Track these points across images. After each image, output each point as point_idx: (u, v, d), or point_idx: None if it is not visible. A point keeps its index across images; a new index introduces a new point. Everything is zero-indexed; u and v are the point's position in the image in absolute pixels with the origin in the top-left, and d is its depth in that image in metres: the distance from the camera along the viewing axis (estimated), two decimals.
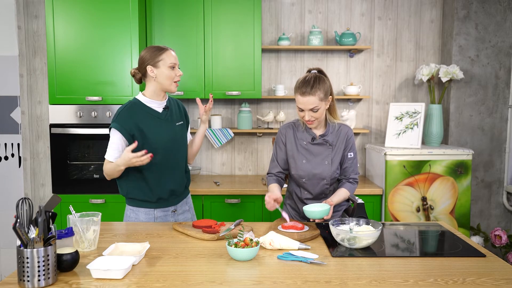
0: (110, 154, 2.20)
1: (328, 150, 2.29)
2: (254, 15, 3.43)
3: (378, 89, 3.86)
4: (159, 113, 2.26)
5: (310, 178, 2.29)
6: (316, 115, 2.19)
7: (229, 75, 3.48)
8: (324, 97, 2.18)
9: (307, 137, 2.31)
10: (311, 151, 2.30)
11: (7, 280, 1.53)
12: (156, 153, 2.20)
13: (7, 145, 3.78)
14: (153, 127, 2.23)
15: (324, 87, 2.18)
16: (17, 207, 1.47)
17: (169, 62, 2.20)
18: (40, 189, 3.83)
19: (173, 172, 2.30)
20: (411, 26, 3.81)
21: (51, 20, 3.19)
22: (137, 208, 2.31)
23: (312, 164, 2.29)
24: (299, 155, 2.30)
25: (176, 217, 2.38)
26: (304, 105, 2.17)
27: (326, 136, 2.29)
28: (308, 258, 1.71)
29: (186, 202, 2.46)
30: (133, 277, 1.56)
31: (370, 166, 3.66)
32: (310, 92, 2.14)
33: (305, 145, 2.30)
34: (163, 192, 2.29)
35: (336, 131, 2.31)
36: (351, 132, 2.34)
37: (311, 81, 2.16)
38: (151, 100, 2.25)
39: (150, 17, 3.43)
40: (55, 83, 3.23)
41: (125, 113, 2.21)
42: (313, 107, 2.16)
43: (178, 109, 2.39)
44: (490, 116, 3.70)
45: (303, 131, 2.32)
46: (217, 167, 3.89)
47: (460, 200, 3.31)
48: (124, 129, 2.17)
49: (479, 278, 1.56)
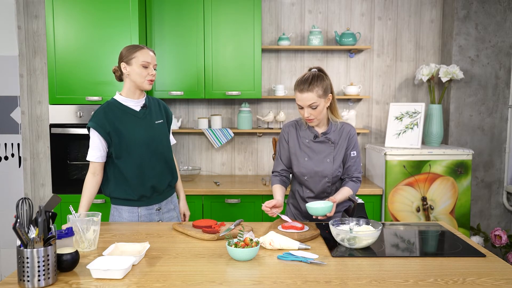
0: (91, 154, 2.25)
1: (330, 148, 2.30)
2: (254, 15, 3.43)
3: (378, 89, 3.86)
4: (136, 112, 2.30)
5: (312, 176, 2.30)
6: (315, 112, 2.20)
7: (229, 75, 3.48)
8: (323, 94, 2.19)
9: (309, 135, 2.32)
10: (313, 149, 2.31)
11: (7, 280, 1.53)
12: (132, 151, 2.24)
13: (7, 145, 3.78)
14: (130, 125, 2.26)
15: (323, 84, 2.19)
16: (17, 207, 1.47)
17: (141, 59, 2.22)
18: (40, 189, 3.83)
19: (153, 169, 2.31)
20: (411, 26, 3.81)
21: (51, 20, 3.19)
22: (120, 207, 2.33)
23: (314, 161, 2.30)
24: (301, 153, 2.32)
25: (161, 215, 2.39)
26: (302, 102, 2.19)
27: (328, 134, 2.30)
28: (308, 258, 1.71)
29: (171, 201, 2.47)
30: (133, 277, 1.56)
31: (370, 166, 3.66)
32: (308, 89, 2.16)
33: (307, 143, 2.31)
34: (145, 190, 2.30)
35: (338, 129, 2.32)
36: (354, 130, 2.35)
37: (309, 78, 2.19)
38: (126, 98, 2.29)
39: (150, 17, 3.43)
40: (55, 83, 3.23)
41: (101, 112, 2.24)
42: (311, 103, 2.17)
43: (158, 108, 2.40)
44: (490, 116, 3.70)
45: (306, 129, 2.33)
46: (217, 167, 3.89)
47: (460, 200, 3.31)
48: (100, 127, 2.20)
49: (479, 278, 1.56)
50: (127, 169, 2.26)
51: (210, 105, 3.85)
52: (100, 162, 2.26)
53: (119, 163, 2.26)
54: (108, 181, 2.30)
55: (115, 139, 2.22)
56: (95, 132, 2.21)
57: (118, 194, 2.30)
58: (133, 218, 2.33)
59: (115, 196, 2.31)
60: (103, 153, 2.25)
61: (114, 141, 2.23)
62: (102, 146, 2.23)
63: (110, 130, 2.22)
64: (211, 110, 3.85)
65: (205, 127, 3.70)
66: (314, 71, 2.23)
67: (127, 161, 2.25)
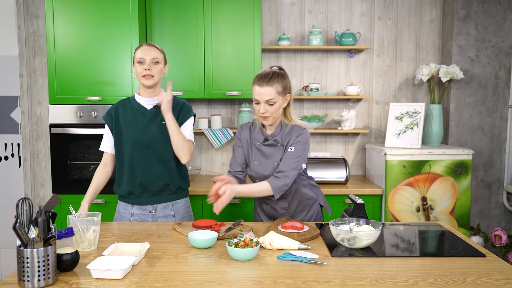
0: (102, 144, 2.42)
1: (279, 151, 2.24)
2: (254, 15, 3.43)
3: (378, 89, 3.86)
4: (146, 110, 2.35)
5: (262, 179, 2.24)
6: (271, 109, 2.15)
7: (229, 75, 3.48)
8: (282, 91, 2.16)
9: (260, 137, 2.28)
10: (264, 152, 2.26)
11: (7, 280, 1.53)
12: (126, 146, 2.32)
13: (7, 145, 3.78)
14: (131, 122, 2.33)
15: (283, 82, 2.16)
16: (17, 207, 1.47)
17: (138, 57, 2.29)
18: (40, 189, 3.83)
19: (145, 167, 2.33)
20: (411, 26, 3.81)
21: (51, 20, 3.19)
22: (119, 202, 2.44)
23: (262, 166, 2.25)
24: (252, 156, 2.29)
25: (156, 219, 2.39)
26: (260, 96, 2.14)
27: (277, 136, 2.24)
28: (308, 258, 1.71)
29: (172, 207, 2.40)
30: (133, 277, 1.56)
31: (370, 166, 3.66)
32: (268, 83, 2.13)
33: (258, 146, 2.28)
34: (133, 187, 2.34)
35: (287, 131, 2.23)
36: (303, 130, 2.21)
37: (270, 74, 2.16)
38: (139, 96, 2.38)
39: (150, 17, 3.43)
40: (55, 83, 3.23)
41: (114, 106, 2.40)
42: (269, 99, 2.13)
43: (174, 109, 2.37)
44: (490, 116, 3.70)
45: (258, 131, 2.29)
46: (217, 167, 3.89)
47: (460, 200, 3.31)
48: (109, 120, 2.37)
49: (479, 278, 1.56)
50: (119, 164, 2.37)
51: (210, 105, 3.85)
52: (109, 153, 2.40)
53: (116, 158, 2.38)
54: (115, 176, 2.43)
55: (114, 133, 2.36)
56: (106, 123, 2.39)
57: (116, 189, 2.42)
58: (126, 215, 2.39)
59: (115, 191, 2.43)
60: (112, 144, 2.38)
61: (114, 135, 2.36)
62: (109, 137, 2.39)
63: (113, 124, 2.35)
64: (211, 110, 3.85)
65: (205, 127, 3.71)
66: (275, 69, 2.21)
67: (122, 157, 2.35)
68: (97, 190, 2.36)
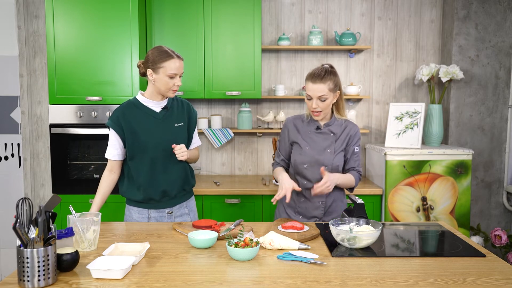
0: (108, 152, 2.29)
1: (331, 139, 2.34)
2: (254, 15, 3.43)
3: (378, 89, 3.86)
4: (156, 113, 2.27)
5: (312, 165, 2.32)
6: (322, 105, 2.26)
7: (229, 75, 3.48)
8: (333, 88, 2.26)
9: (312, 126, 2.37)
10: (315, 139, 2.35)
11: (7, 280, 1.53)
12: (145, 153, 2.23)
13: (7, 145, 3.78)
14: (146, 127, 2.23)
15: (335, 80, 2.27)
16: (17, 207, 1.47)
17: (169, 71, 2.17)
18: (40, 189, 3.83)
19: (166, 173, 2.28)
20: (411, 26, 3.81)
21: (51, 20, 3.19)
22: (131, 207, 2.35)
23: (315, 150, 2.34)
24: (303, 142, 2.37)
25: (173, 219, 2.37)
26: (313, 92, 2.25)
27: (331, 126, 2.35)
28: (308, 258, 1.71)
29: (186, 205, 2.42)
30: (133, 277, 1.56)
31: (370, 166, 3.66)
32: (321, 80, 2.24)
33: (309, 134, 2.37)
34: (155, 193, 2.28)
35: (341, 125, 2.37)
36: (357, 128, 2.40)
37: (323, 71, 2.26)
38: (148, 100, 2.27)
39: (150, 17, 3.43)
40: (55, 83, 3.23)
41: (119, 111, 2.25)
42: (321, 95, 2.24)
43: (182, 110, 2.35)
44: (490, 116, 3.70)
45: (309, 122, 2.39)
46: (217, 167, 3.89)
47: (460, 200, 3.31)
48: (117, 126, 2.22)
49: (479, 278, 1.56)
50: (138, 171, 2.26)
51: (210, 105, 3.85)
52: (116, 160, 2.28)
53: (131, 164, 2.26)
54: (123, 180, 2.32)
55: (129, 139, 2.22)
56: (112, 130, 2.24)
57: (129, 195, 2.32)
58: (142, 219, 2.33)
59: (127, 196, 2.34)
60: (119, 151, 2.27)
61: (128, 141, 2.22)
62: (119, 144, 2.25)
63: (126, 129, 2.22)
64: (211, 110, 3.85)
65: (205, 127, 3.70)
66: (327, 67, 2.30)
67: (140, 163, 2.24)
68: (104, 200, 2.29)
